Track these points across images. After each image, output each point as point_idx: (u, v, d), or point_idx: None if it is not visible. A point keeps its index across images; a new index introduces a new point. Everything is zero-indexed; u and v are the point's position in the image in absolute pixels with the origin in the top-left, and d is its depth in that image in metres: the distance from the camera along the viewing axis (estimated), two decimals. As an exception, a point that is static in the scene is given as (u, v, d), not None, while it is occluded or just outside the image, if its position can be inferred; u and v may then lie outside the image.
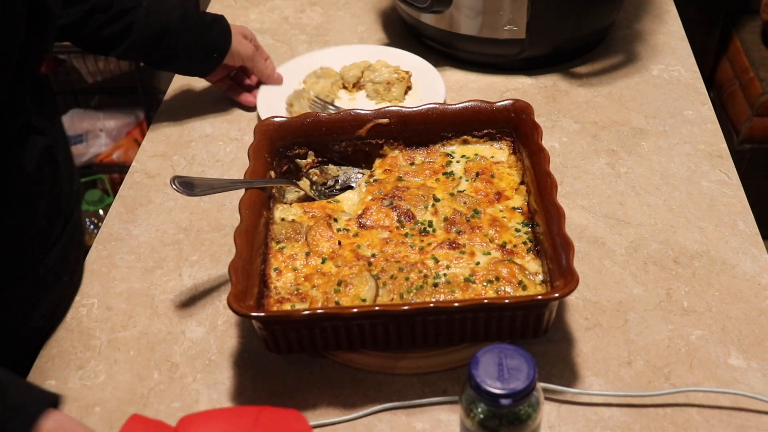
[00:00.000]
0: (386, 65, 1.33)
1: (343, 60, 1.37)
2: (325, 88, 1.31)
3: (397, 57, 1.36)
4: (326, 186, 1.06)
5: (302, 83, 1.34)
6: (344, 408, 0.87)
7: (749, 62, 2.29)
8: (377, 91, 1.31)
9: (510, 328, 0.85)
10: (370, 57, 1.36)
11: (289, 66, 1.37)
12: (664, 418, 0.85)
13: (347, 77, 1.34)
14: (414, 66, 1.34)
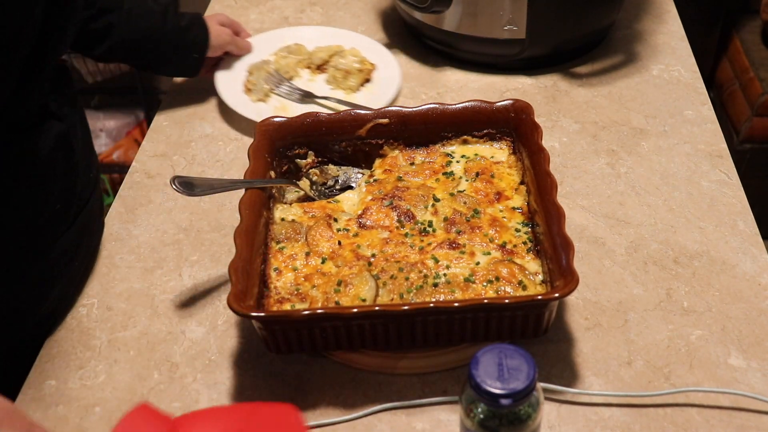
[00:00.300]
0: (356, 54, 1.35)
1: (321, 40, 1.40)
2: (289, 64, 1.35)
3: (373, 50, 1.37)
4: (326, 186, 1.06)
5: (272, 55, 1.37)
6: (344, 408, 0.87)
7: (749, 62, 2.29)
8: (335, 78, 1.33)
9: (510, 328, 0.85)
10: (348, 43, 1.38)
11: (270, 35, 1.42)
12: (664, 418, 0.85)
13: (314, 58, 1.36)
14: (382, 62, 1.35)
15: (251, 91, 1.31)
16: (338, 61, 1.34)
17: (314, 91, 1.31)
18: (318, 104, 1.29)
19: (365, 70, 1.33)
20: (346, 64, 1.33)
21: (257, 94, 1.30)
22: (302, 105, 1.29)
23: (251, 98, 1.30)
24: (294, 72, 1.35)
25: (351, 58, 1.34)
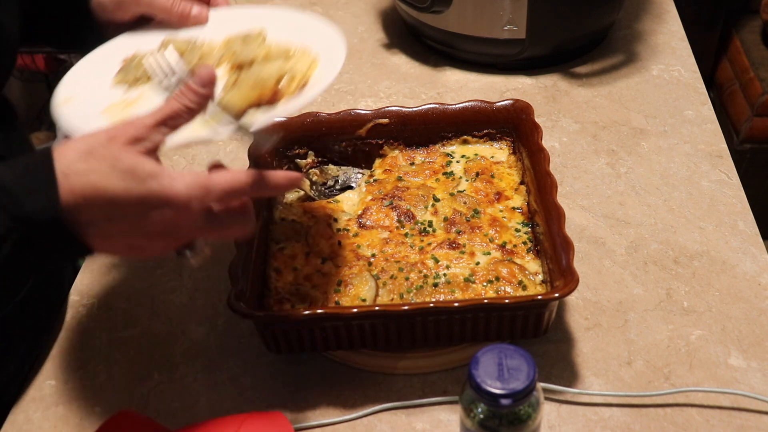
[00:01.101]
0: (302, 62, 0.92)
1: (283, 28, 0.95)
2: (207, 54, 0.94)
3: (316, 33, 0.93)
4: (326, 186, 1.06)
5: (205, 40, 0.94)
6: (344, 408, 0.87)
7: (749, 62, 2.29)
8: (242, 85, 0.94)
9: (510, 328, 0.85)
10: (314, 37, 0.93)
11: (232, 14, 0.98)
12: (664, 418, 0.85)
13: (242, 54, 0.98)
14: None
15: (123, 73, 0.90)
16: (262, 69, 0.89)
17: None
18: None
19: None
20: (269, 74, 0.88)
21: (125, 76, 0.90)
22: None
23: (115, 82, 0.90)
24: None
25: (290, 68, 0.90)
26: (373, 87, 1.36)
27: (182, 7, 0.94)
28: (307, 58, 0.88)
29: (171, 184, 0.66)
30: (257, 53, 0.89)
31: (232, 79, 0.86)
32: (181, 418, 0.87)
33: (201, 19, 0.95)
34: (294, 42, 0.90)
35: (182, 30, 0.95)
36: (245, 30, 0.94)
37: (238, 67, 0.89)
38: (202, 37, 0.94)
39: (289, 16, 0.96)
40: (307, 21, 0.93)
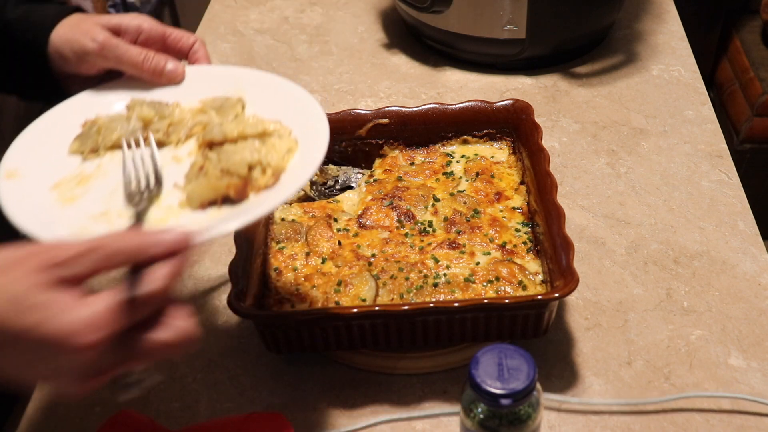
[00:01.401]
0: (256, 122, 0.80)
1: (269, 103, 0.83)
2: (178, 123, 0.82)
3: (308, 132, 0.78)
4: (326, 186, 1.06)
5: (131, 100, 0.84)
6: (344, 408, 0.87)
7: (749, 62, 2.29)
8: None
9: (510, 328, 0.85)
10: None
11: (223, 73, 0.87)
12: (664, 418, 0.85)
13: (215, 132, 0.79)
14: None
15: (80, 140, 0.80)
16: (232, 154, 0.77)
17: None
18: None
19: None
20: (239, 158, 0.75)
21: (82, 143, 0.80)
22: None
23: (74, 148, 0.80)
24: (168, 135, 0.80)
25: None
26: (373, 87, 1.36)
27: (155, 62, 0.83)
28: (284, 142, 0.76)
29: (55, 319, 0.54)
30: (231, 131, 0.78)
31: (198, 162, 0.76)
32: (181, 418, 0.87)
33: (176, 77, 0.85)
34: (273, 117, 0.80)
35: (154, 88, 0.85)
36: (222, 94, 0.84)
37: (209, 145, 0.78)
38: (176, 98, 0.84)
39: (272, 83, 0.85)
40: (291, 91, 0.82)
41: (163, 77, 0.84)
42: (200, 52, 0.86)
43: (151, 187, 0.74)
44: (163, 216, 0.71)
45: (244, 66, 0.88)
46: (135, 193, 0.73)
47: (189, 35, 0.86)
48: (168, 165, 0.78)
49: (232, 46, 1.47)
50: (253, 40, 1.49)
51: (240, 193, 0.72)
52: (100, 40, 0.81)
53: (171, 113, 0.82)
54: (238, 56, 1.44)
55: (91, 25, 0.82)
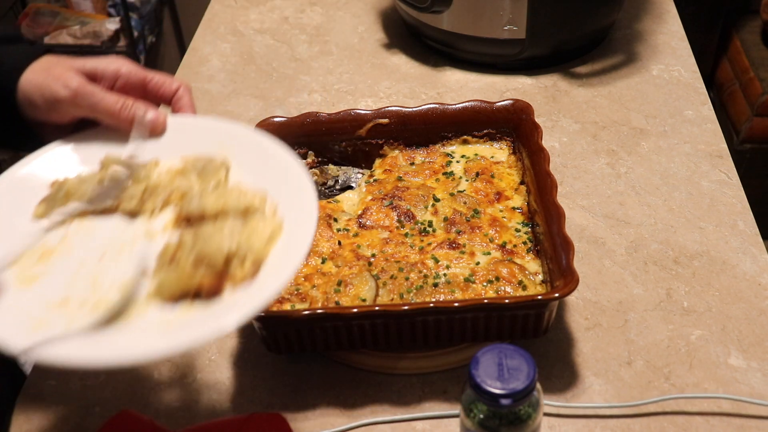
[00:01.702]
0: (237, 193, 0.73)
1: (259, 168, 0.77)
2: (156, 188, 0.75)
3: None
4: (326, 186, 1.06)
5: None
6: (344, 408, 0.87)
7: (749, 62, 2.29)
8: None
9: (510, 328, 0.85)
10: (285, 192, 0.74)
11: (207, 127, 0.80)
12: (665, 418, 0.85)
13: (193, 204, 0.73)
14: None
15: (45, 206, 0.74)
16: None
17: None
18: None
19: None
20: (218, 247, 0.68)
21: (48, 207, 0.74)
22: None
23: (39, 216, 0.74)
24: (143, 203, 0.74)
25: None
26: (373, 87, 1.36)
27: (133, 111, 0.76)
28: (268, 225, 0.69)
29: None
30: (210, 206, 0.70)
31: (171, 247, 0.68)
32: (181, 418, 0.87)
33: (156, 128, 0.77)
34: (258, 186, 0.73)
35: (133, 140, 0.76)
36: (206, 152, 0.76)
37: (186, 220, 0.71)
38: (156, 152, 0.77)
39: (260, 145, 0.77)
40: (279, 156, 0.75)
41: (141, 128, 0.76)
42: (184, 99, 0.79)
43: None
44: (129, 309, 0.65)
45: (230, 121, 0.80)
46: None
47: (172, 80, 0.79)
48: (139, 240, 0.71)
49: (232, 46, 1.47)
50: (253, 40, 1.49)
51: (214, 289, 0.66)
52: (73, 87, 0.74)
53: (147, 175, 0.74)
54: (238, 56, 1.45)
55: (63, 70, 0.75)
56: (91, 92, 0.75)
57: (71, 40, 2.51)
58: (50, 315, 0.65)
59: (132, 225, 0.73)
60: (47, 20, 2.57)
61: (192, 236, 0.68)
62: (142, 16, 2.63)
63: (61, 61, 0.77)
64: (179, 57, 2.18)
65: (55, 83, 0.74)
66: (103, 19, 2.57)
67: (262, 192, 0.72)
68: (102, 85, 0.77)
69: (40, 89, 0.75)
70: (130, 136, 0.76)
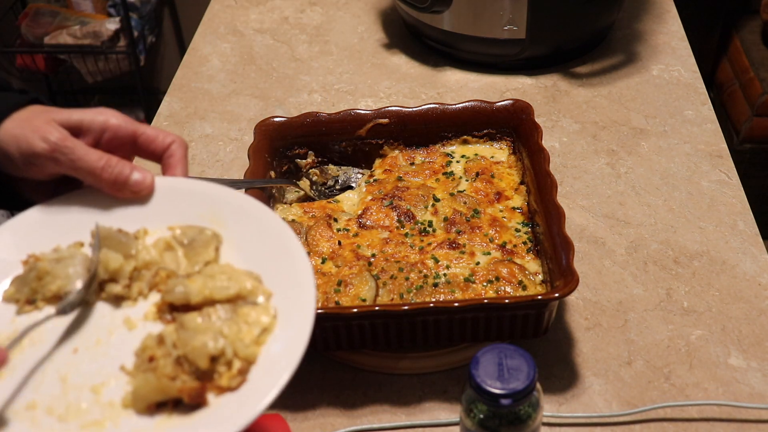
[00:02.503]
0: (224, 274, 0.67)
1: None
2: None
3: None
4: (326, 186, 1.06)
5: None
6: (344, 408, 0.87)
7: (749, 62, 2.29)
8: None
9: (510, 328, 0.85)
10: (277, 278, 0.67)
11: (195, 192, 0.73)
12: (665, 418, 0.85)
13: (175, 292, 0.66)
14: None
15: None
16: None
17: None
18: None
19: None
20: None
21: (18, 289, 0.68)
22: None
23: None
24: (130, 288, 0.68)
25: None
26: (373, 87, 1.36)
27: (117, 171, 0.69)
28: (260, 316, 0.62)
29: None
30: (195, 294, 0.64)
31: (150, 346, 0.62)
32: (181, 418, 0.87)
33: (140, 191, 0.70)
34: (251, 265, 0.67)
35: (118, 204, 0.71)
36: (196, 220, 0.70)
37: (169, 309, 0.65)
38: (142, 219, 0.71)
39: (254, 214, 0.70)
40: (275, 230, 0.68)
41: (125, 190, 0.70)
42: (176, 156, 0.72)
43: (77, 290, 0.62)
44: (100, 417, 0.59)
45: (222, 186, 0.73)
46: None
47: (166, 135, 0.72)
48: (117, 330, 0.65)
49: (232, 46, 1.48)
50: (253, 40, 1.49)
51: (196, 398, 0.59)
52: (53, 141, 0.67)
53: (138, 251, 0.68)
54: (238, 56, 1.45)
55: (44, 122, 0.68)
56: (71, 147, 0.67)
57: (71, 40, 2.51)
58: (13, 422, 0.59)
59: (112, 311, 0.66)
60: (47, 20, 2.57)
61: (174, 330, 0.62)
62: (142, 16, 2.64)
63: (45, 111, 0.70)
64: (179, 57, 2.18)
65: (32, 135, 0.67)
66: (103, 19, 2.57)
67: (255, 275, 0.66)
68: (87, 139, 0.70)
69: (17, 141, 0.67)
70: (115, 199, 0.71)
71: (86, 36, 2.51)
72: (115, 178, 0.69)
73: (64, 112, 0.70)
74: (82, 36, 2.52)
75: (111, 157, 0.69)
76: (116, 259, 0.67)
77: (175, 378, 0.60)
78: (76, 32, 2.52)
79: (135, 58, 2.54)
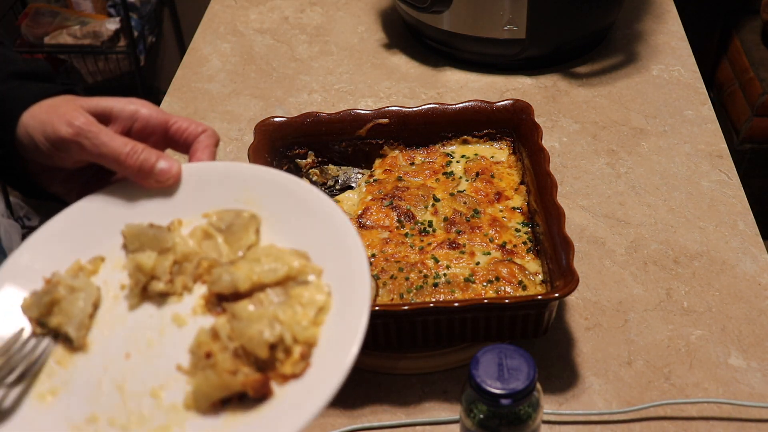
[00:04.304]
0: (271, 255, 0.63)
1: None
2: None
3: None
4: (326, 186, 1.06)
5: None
6: (344, 408, 0.87)
7: (749, 62, 2.29)
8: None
9: (510, 328, 0.85)
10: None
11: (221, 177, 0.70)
12: (665, 418, 0.85)
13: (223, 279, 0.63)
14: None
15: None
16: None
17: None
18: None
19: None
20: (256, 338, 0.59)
21: (33, 307, 0.65)
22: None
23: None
24: (173, 282, 0.65)
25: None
26: (373, 87, 1.36)
27: (143, 158, 0.67)
28: (315, 295, 0.59)
29: None
30: (243, 281, 0.61)
31: (204, 341, 0.59)
32: (181, 418, 0.87)
33: (167, 179, 0.68)
34: (296, 244, 0.63)
35: (146, 199, 0.68)
36: (231, 206, 0.67)
37: (218, 299, 0.62)
38: (173, 210, 0.68)
39: (292, 190, 0.66)
40: (315, 202, 0.65)
41: (150, 178, 0.68)
42: (204, 142, 0.70)
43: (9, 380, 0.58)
44: (165, 422, 0.57)
45: (252, 165, 0.71)
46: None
47: (197, 125, 0.70)
48: (168, 329, 0.63)
49: (232, 46, 1.48)
50: (253, 40, 1.49)
51: (261, 390, 0.56)
52: (77, 125, 0.66)
53: (174, 246, 0.65)
54: (238, 56, 1.45)
55: (72, 108, 0.67)
56: (96, 132, 0.66)
57: (71, 40, 2.52)
58: None
59: (159, 310, 0.64)
60: (47, 20, 2.57)
61: (226, 322, 0.60)
62: (142, 16, 2.64)
63: (75, 99, 0.69)
64: (179, 57, 2.18)
65: (58, 120, 0.66)
66: (103, 19, 2.57)
67: (301, 253, 0.62)
68: (116, 127, 0.69)
69: (43, 126, 0.67)
70: (141, 184, 0.68)
71: (86, 36, 2.52)
72: (140, 165, 0.67)
73: (93, 100, 0.69)
74: (82, 36, 2.52)
75: (137, 144, 0.67)
76: (149, 257, 0.64)
77: (236, 372, 0.57)
78: (76, 32, 2.52)
79: (135, 58, 2.54)
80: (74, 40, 2.52)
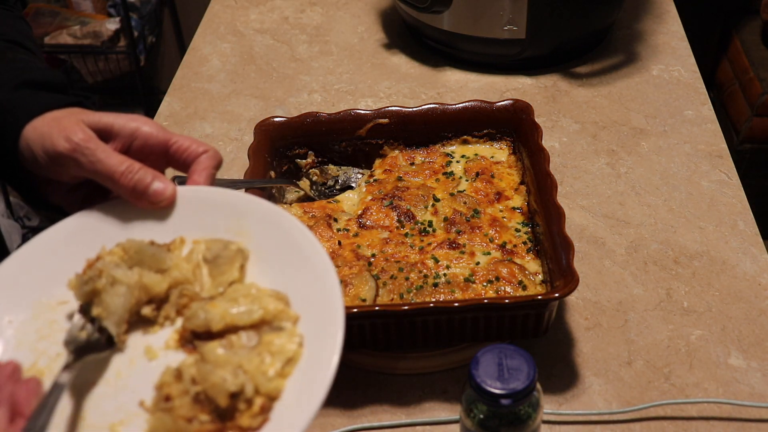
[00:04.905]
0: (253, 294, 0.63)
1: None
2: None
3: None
4: (326, 186, 1.06)
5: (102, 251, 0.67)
6: (344, 408, 0.87)
7: (749, 62, 2.29)
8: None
9: (510, 328, 0.85)
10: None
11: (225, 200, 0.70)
12: (665, 418, 0.85)
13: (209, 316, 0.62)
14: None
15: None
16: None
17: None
18: None
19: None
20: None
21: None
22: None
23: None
24: (159, 309, 0.66)
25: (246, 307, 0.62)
26: (373, 87, 1.36)
27: (138, 178, 0.66)
28: (286, 344, 0.59)
29: None
30: (217, 321, 0.60)
31: (168, 377, 0.58)
32: (181, 418, 0.87)
33: (160, 201, 0.67)
34: (277, 287, 0.63)
35: (138, 219, 0.68)
36: (221, 232, 0.67)
37: (192, 335, 0.61)
38: (169, 233, 0.67)
39: (282, 228, 0.66)
40: (303, 243, 0.64)
41: (144, 198, 0.67)
42: (204, 164, 0.69)
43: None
44: None
45: (247, 195, 0.70)
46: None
47: (198, 145, 0.70)
48: (138, 361, 0.62)
49: (232, 46, 1.48)
50: (253, 40, 1.49)
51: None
52: (75, 141, 0.65)
53: (170, 269, 0.65)
54: (238, 56, 1.45)
55: (72, 122, 0.67)
56: (92, 149, 0.65)
57: (71, 40, 2.52)
58: None
59: (135, 338, 0.63)
60: (47, 20, 2.57)
61: (194, 363, 0.59)
62: (142, 16, 2.64)
63: (78, 113, 0.69)
64: (179, 57, 2.18)
65: (57, 135, 0.66)
66: (103, 19, 2.57)
67: (281, 296, 0.62)
68: (116, 144, 0.68)
69: (42, 139, 0.67)
70: (135, 204, 0.68)
71: (86, 36, 2.52)
72: (134, 185, 0.66)
73: (95, 115, 0.68)
74: (82, 36, 2.52)
75: (134, 163, 0.66)
76: (159, 282, 0.63)
77: (192, 419, 0.56)
78: (76, 32, 2.52)
79: (135, 58, 2.54)
80: (74, 40, 2.52)
